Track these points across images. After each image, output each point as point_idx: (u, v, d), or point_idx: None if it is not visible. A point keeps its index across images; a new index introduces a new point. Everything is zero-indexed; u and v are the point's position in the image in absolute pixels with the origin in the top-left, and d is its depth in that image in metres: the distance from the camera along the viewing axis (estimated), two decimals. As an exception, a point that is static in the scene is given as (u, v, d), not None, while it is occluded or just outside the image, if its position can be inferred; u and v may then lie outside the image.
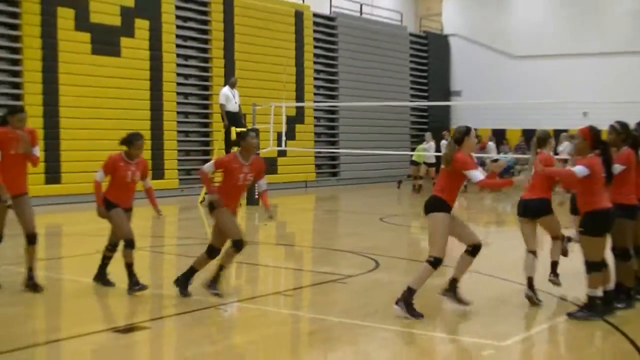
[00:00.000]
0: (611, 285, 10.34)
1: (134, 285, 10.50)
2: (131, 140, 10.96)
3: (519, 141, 36.52)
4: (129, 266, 10.50)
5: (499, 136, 38.04)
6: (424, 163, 29.43)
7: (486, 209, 27.11)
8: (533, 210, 10.49)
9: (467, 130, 9.79)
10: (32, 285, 10.59)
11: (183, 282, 10.41)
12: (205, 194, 24.53)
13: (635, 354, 8.24)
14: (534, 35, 38.46)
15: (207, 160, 26.15)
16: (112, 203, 10.66)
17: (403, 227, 19.83)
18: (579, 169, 9.44)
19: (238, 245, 10.35)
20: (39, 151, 10.97)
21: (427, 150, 29.22)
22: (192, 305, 10.17)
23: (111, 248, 11.07)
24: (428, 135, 30.14)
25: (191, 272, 10.49)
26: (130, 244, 10.64)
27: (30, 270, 10.69)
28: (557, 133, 28.92)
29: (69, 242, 16.59)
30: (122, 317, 9.54)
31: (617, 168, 9.88)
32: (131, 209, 11.00)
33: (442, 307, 10.11)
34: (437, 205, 9.71)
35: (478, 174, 9.50)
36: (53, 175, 23.27)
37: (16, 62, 23.38)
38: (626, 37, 36.05)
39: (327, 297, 11.05)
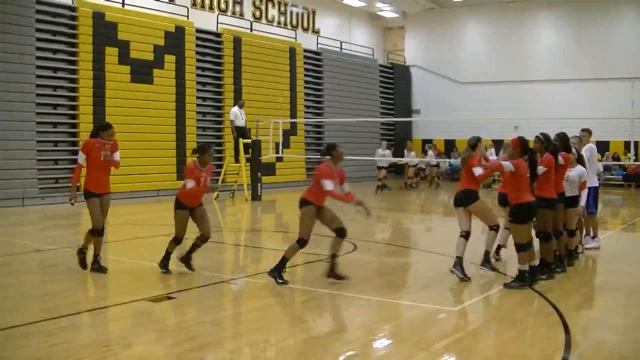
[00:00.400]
0: (536, 261, 10.49)
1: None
2: (205, 150, 10.79)
3: (464, 147, 36.51)
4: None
5: (450, 145, 38.17)
6: (378, 166, 29.11)
7: (439, 202, 27.16)
8: (459, 200, 10.69)
9: (478, 139, 10.62)
10: (97, 267, 10.62)
11: (277, 272, 10.12)
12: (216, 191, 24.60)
13: (555, 314, 8.37)
14: (477, 65, 38.67)
15: (220, 165, 26.29)
16: (183, 204, 10.67)
17: (376, 216, 19.83)
18: (507, 164, 9.77)
19: (342, 232, 10.51)
20: (118, 157, 10.91)
21: (382, 156, 28.80)
22: (208, 280, 10.24)
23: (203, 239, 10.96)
24: (383, 143, 29.89)
25: (283, 262, 10.24)
26: (203, 239, 10.77)
27: (96, 255, 10.71)
28: (496, 142, 29.20)
29: (114, 230, 16.58)
30: (154, 289, 9.57)
31: (541, 169, 10.14)
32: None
33: (407, 281, 10.17)
34: (471, 195, 10.52)
35: (479, 170, 10.24)
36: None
37: (74, 90, 23.45)
38: (547, 68, 36.24)
39: (315, 273, 11.04)
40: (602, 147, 32.30)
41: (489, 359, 6.87)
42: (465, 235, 10.53)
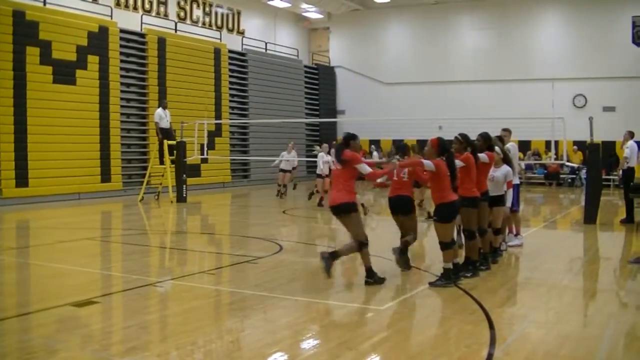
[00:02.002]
0: (460, 259, 10.67)
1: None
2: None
3: (390, 149, 36.89)
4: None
5: (375, 145, 38.49)
6: (280, 170, 26.31)
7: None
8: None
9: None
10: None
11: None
12: (147, 193, 24.37)
13: (480, 311, 8.53)
14: (401, 66, 39.07)
15: (145, 167, 26.06)
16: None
17: (302, 218, 19.90)
18: (427, 163, 9.89)
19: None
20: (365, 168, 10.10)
21: (288, 158, 26.34)
22: (134, 283, 10.12)
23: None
24: (290, 145, 26.76)
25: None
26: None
27: None
28: (420, 143, 29.39)
29: (36, 234, 16.29)
30: (78, 294, 9.41)
31: (458, 163, 10.23)
32: None
33: (333, 281, 10.21)
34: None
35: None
36: (22, 180, 22.76)
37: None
38: (470, 69, 36.87)
39: (242, 275, 11.05)
40: (524, 146, 33.05)
41: (416, 356, 6.95)
42: None
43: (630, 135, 18.78)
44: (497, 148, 12.17)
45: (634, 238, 16.13)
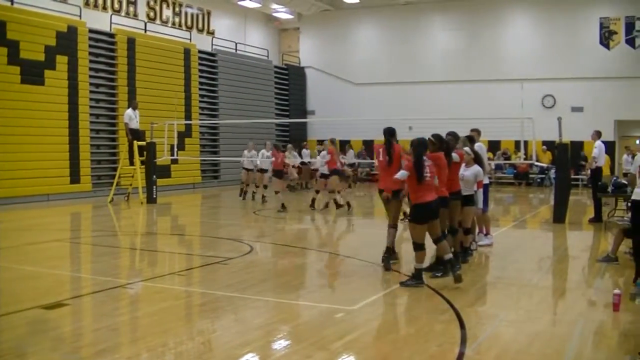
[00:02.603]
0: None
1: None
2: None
3: (360, 149, 37.06)
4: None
5: (345, 145, 38.55)
6: (244, 168, 25.71)
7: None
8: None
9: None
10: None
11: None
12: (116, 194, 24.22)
13: (451, 311, 8.60)
14: (370, 67, 39.26)
15: (114, 168, 25.93)
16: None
17: (271, 218, 19.87)
18: (400, 174, 9.89)
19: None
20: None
21: (249, 157, 25.34)
22: (104, 285, 10.06)
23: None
24: (250, 144, 25.83)
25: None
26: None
27: None
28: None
29: (4, 236, 16.12)
30: (48, 296, 9.33)
31: (427, 161, 10.22)
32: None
33: (304, 281, 10.22)
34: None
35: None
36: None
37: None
38: (441, 69, 37.12)
39: (212, 276, 11.03)
40: (494, 146, 33.31)
41: (387, 356, 6.98)
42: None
43: (598, 135, 18.95)
44: (466, 148, 12.24)
45: (602, 237, 16.30)
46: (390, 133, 11.60)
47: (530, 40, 35.55)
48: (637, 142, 32.76)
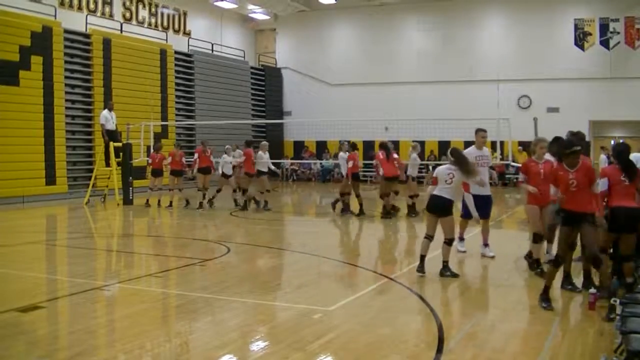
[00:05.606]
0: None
1: None
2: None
3: (337, 150, 37.03)
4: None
5: (322, 147, 38.64)
6: (223, 174, 23.44)
7: (311, 203, 27.41)
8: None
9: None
10: None
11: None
12: (92, 195, 24.07)
13: (428, 310, 8.66)
14: (347, 67, 39.38)
15: (90, 170, 25.77)
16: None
17: (249, 219, 19.83)
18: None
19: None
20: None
21: (226, 162, 23.43)
22: (80, 287, 10.00)
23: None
24: (228, 147, 24.02)
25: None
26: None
27: None
28: (366, 144, 29.73)
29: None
30: (22, 299, 9.24)
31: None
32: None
33: (281, 282, 10.21)
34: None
35: None
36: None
37: None
38: (416, 70, 37.26)
39: (189, 277, 11.00)
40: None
41: (364, 356, 6.98)
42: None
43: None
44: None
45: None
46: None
47: (506, 41, 35.79)
48: (612, 142, 33.00)
